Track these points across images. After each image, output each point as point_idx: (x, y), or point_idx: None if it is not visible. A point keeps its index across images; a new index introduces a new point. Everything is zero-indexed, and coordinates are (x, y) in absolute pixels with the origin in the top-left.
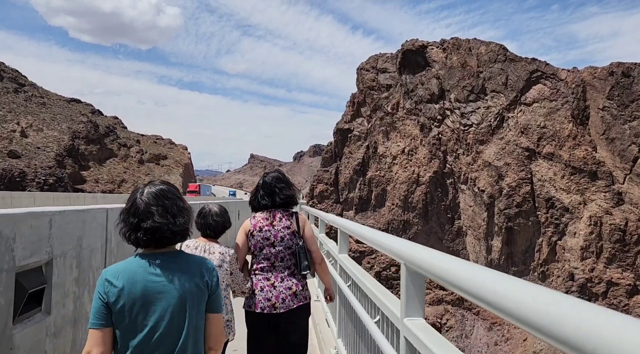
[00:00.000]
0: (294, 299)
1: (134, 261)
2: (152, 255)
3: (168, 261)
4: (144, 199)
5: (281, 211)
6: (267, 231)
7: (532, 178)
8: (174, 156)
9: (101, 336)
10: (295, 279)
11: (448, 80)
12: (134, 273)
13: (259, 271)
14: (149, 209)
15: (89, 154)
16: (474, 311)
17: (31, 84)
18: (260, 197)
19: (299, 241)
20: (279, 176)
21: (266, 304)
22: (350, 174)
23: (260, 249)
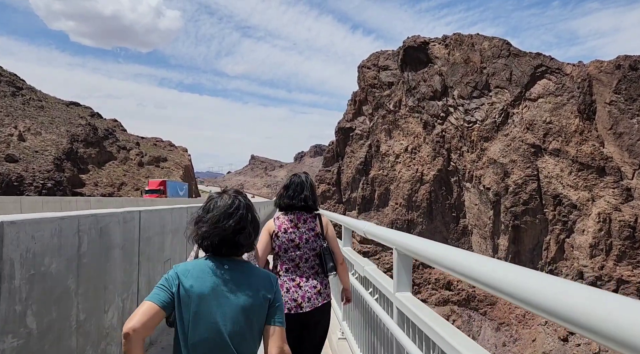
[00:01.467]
0: (319, 298)
1: (204, 262)
2: (221, 259)
3: (235, 268)
4: (219, 208)
5: (305, 213)
6: (292, 233)
7: (539, 175)
8: (174, 158)
9: (155, 312)
10: (319, 278)
11: (451, 76)
12: (203, 273)
13: (284, 272)
14: (221, 219)
15: (88, 157)
16: (481, 312)
17: (29, 87)
18: (288, 198)
19: (324, 243)
20: (308, 179)
21: (293, 305)
22: (353, 173)
23: (285, 251)
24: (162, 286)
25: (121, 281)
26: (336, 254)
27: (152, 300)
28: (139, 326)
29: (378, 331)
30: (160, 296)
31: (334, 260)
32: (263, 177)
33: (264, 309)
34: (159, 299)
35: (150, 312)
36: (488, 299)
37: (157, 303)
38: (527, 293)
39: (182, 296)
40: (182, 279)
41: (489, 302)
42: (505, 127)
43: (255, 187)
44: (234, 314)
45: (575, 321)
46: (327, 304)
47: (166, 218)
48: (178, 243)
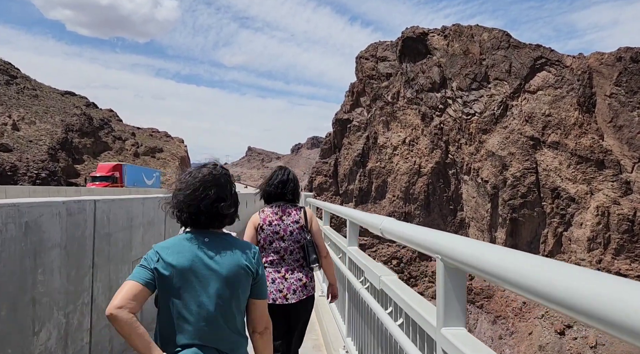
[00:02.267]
0: (304, 290)
1: (184, 237)
2: (201, 233)
3: (216, 241)
4: (199, 181)
5: (290, 206)
6: (277, 226)
7: (537, 168)
8: (170, 149)
9: (138, 289)
10: (304, 271)
11: (450, 68)
12: (183, 248)
13: (269, 264)
14: (202, 191)
15: (83, 148)
16: (478, 305)
17: (23, 76)
18: (274, 189)
19: (307, 236)
20: (292, 172)
21: (278, 295)
22: (350, 165)
23: (270, 243)
24: (141, 265)
25: (63, 290)
26: (320, 247)
27: (133, 279)
28: (123, 303)
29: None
30: (141, 274)
31: (318, 253)
32: (260, 169)
33: (247, 281)
34: (140, 277)
35: (132, 290)
36: (485, 292)
37: (139, 281)
38: None
39: (164, 273)
40: (162, 256)
41: (486, 295)
42: (504, 119)
43: (252, 178)
44: (218, 287)
45: None
46: (311, 297)
47: (135, 209)
48: (154, 238)
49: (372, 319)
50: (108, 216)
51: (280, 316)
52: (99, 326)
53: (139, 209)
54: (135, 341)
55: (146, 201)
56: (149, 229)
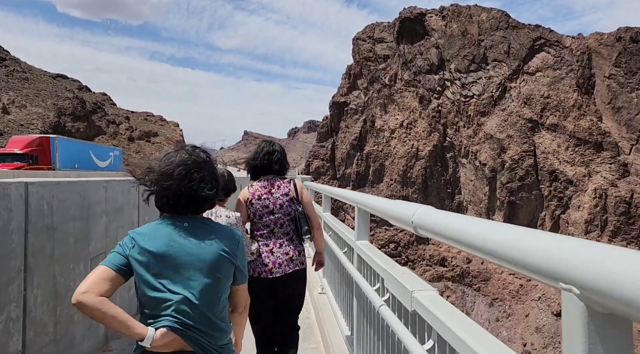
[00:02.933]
0: (290, 264)
1: (161, 222)
2: (179, 218)
3: (195, 225)
4: (177, 163)
5: (279, 179)
6: (266, 199)
7: (536, 150)
8: (165, 133)
9: (109, 277)
10: (293, 245)
11: (448, 49)
12: (160, 233)
13: (259, 238)
14: (182, 175)
15: (76, 132)
16: (475, 287)
17: (13, 58)
18: (260, 161)
19: (298, 207)
20: (278, 144)
21: (263, 269)
22: (347, 149)
23: (259, 217)
24: (115, 251)
25: None
26: (312, 219)
27: (104, 263)
28: (89, 288)
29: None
30: (114, 259)
31: (310, 224)
32: None
33: (230, 268)
34: (113, 263)
35: (102, 275)
36: (482, 275)
37: (111, 267)
38: None
39: (140, 260)
40: (138, 242)
41: (483, 278)
42: (502, 101)
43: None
44: (199, 274)
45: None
46: (299, 271)
47: (94, 194)
48: (123, 228)
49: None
50: (50, 204)
51: (266, 291)
52: (36, 346)
53: (100, 194)
54: (111, 323)
55: (110, 185)
56: (117, 217)
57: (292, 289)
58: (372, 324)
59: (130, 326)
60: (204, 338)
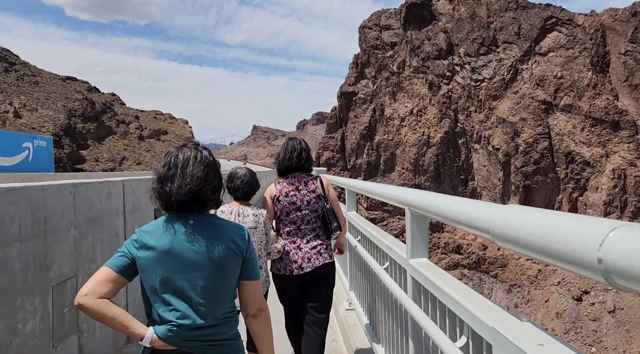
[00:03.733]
0: (319, 258)
1: (167, 219)
2: (185, 215)
3: (202, 222)
4: (180, 162)
5: (305, 176)
6: (293, 196)
7: (550, 133)
8: (175, 131)
9: (111, 278)
10: (320, 240)
11: (456, 33)
12: (167, 231)
13: (286, 235)
14: (185, 173)
15: (87, 133)
16: (492, 274)
17: (23, 62)
18: (288, 162)
19: (326, 204)
20: (303, 141)
21: (294, 266)
22: (357, 139)
23: (287, 214)
24: (120, 251)
25: None
26: (339, 215)
27: (107, 265)
28: (90, 290)
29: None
30: (117, 261)
31: (338, 221)
32: (266, 147)
33: (237, 263)
34: (115, 265)
35: (103, 277)
36: (499, 262)
37: (113, 268)
38: None
39: (146, 259)
40: (144, 241)
41: (500, 264)
42: (514, 84)
43: (258, 157)
44: (205, 270)
45: None
46: (328, 264)
47: (54, 203)
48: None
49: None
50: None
51: (298, 287)
52: None
53: (65, 203)
54: (112, 324)
55: (81, 189)
56: (92, 229)
57: (323, 281)
58: None
59: (130, 326)
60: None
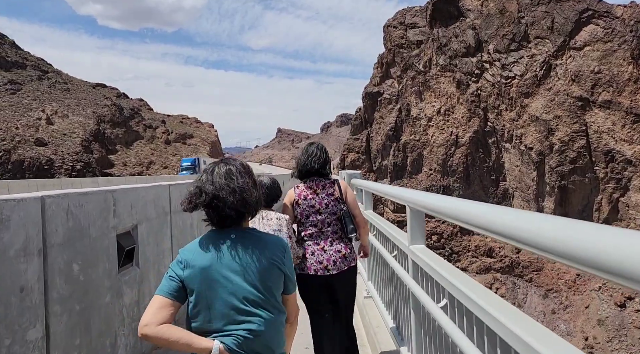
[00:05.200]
0: (344, 262)
1: (209, 237)
2: (226, 231)
3: (243, 237)
4: (211, 178)
5: (323, 180)
6: (312, 199)
7: (587, 130)
8: (201, 135)
9: (164, 304)
10: (343, 243)
11: (485, 29)
12: (208, 248)
13: (308, 238)
14: (215, 188)
15: (115, 138)
16: (527, 278)
17: (55, 71)
18: (307, 165)
19: (343, 207)
20: (320, 145)
21: (319, 267)
22: (383, 140)
23: (306, 217)
24: (168, 275)
25: None
26: (357, 217)
27: (158, 293)
28: (149, 320)
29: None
30: (167, 287)
31: (355, 223)
32: (290, 149)
33: (280, 277)
34: (166, 291)
35: (160, 305)
36: (533, 265)
37: (165, 295)
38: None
39: (192, 277)
40: (188, 260)
41: (535, 268)
42: (547, 80)
43: (283, 160)
44: (250, 284)
45: None
46: (352, 268)
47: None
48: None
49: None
50: None
51: (323, 287)
52: None
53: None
54: (176, 347)
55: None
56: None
57: (348, 284)
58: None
59: (193, 344)
60: (259, 350)
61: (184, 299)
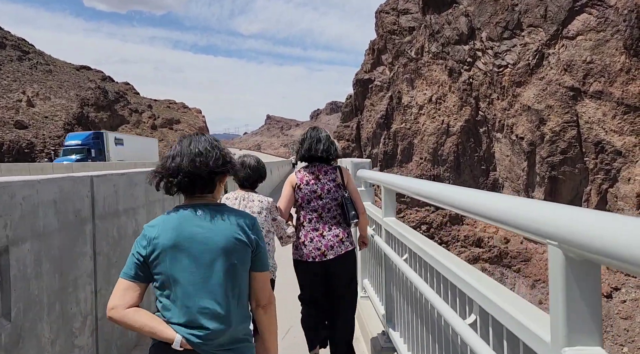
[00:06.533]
0: (342, 246)
1: (174, 211)
2: (193, 206)
3: (210, 212)
4: (184, 145)
5: (325, 165)
6: (314, 184)
7: (579, 120)
8: (188, 120)
9: (129, 287)
10: (342, 227)
11: (478, 17)
12: (174, 224)
13: (307, 223)
14: (189, 153)
15: (100, 122)
16: (515, 269)
17: (37, 51)
18: (312, 149)
19: (345, 193)
20: (324, 131)
21: (317, 253)
22: (373, 128)
23: (307, 202)
24: (132, 253)
25: None
26: (358, 204)
27: (122, 276)
28: (114, 303)
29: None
30: (130, 267)
31: (356, 209)
32: (279, 137)
33: (246, 254)
34: (129, 274)
35: (125, 288)
36: (522, 256)
37: (127, 278)
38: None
39: (154, 255)
40: (151, 236)
41: (523, 258)
42: (540, 70)
43: (272, 147)
44: (215, 263)
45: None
46: (350, 252)
47: None
48: None
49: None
50: None
51: (321, 273)
52: None
53: None
54: (142, 331)
55: None
56: None
57: (346, 268)
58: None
59: (157, 332)
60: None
61: (149, 278)
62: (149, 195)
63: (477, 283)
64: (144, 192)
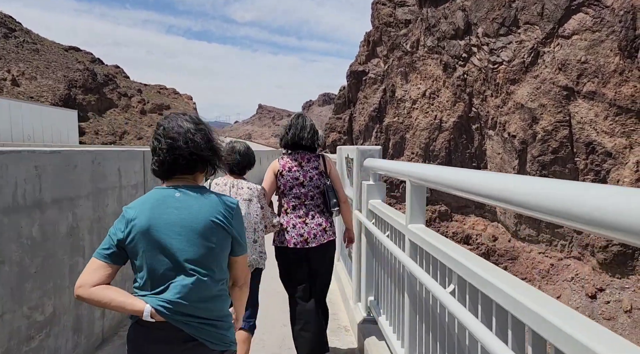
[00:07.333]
0: (325, 235)
1: (154, 192)
2: (173, 188)
3: (189, 195)
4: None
5: (309, 153)
6: (296, 172)
7: (571, 120)
8: (178, 106)
9: (100, 267)
10: (324, 217)
11: (475, 12)
12: (151, 204)
13: (291, 210)
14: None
15: (87, 105)
16: (502, 267)
17: (23, 29)
18: (296, 136)
19: (327, 181)
20: (309, 119)
21: (299, 240)
22: (366, 121)
23: (290, 189)
24: (109, 235)
25: None
26: (339, 193)
27: (95, 256)
28: (82, 282)
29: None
30: (104, 248)
31: (337, 198)
32: (271, 126)
33: (225, 237)
34: (102, 254)
35: (96, 267)
36: (509, 254)
37: (100, 258)
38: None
39: (132, 237)
40: (130, 218)
41: (510, 257)
42: (534, 68)
43: (263, 137)
44: (192, 245)
45: None
46: (332, 241)
47: None
48: None
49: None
50: None
51: (302, 260)
52: None
53: None
54: (111, 308)
55: None
56: None
57: (326, 257)
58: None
59: (127, 305)
60: (196, 313)
61: (123, 260)
62: (98, 181)
63: None
64: (89, 177)
